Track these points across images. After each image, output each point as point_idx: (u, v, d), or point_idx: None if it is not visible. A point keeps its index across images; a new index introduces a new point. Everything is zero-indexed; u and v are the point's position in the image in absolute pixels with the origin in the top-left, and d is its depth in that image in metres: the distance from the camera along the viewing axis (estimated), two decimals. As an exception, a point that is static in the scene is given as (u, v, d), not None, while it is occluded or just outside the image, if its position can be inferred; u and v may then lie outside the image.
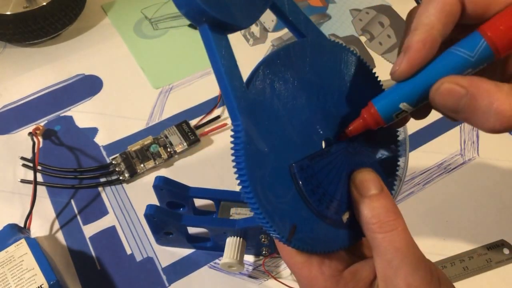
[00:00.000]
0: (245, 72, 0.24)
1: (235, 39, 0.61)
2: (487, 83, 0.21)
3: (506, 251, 0.43)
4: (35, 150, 0.48)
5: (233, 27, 0.23)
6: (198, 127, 0.53)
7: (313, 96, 0.26)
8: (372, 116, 0.25)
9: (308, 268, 0.26)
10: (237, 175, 0.23)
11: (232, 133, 0.23)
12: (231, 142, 0.23)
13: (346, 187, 0.26)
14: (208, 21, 0.22)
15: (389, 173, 0.29)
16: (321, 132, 0.26)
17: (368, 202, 0.25)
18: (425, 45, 0.22)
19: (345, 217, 0.26)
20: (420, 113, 0.27)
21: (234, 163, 0.23)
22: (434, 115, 0.26)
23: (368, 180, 0.25)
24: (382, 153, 0.28)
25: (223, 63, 0.22)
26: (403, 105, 0.24)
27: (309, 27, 0.26)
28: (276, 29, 0.64)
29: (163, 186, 0.41)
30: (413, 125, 0.51)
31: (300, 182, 0.24)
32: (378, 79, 0.28)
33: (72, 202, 0.48)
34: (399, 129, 0.29)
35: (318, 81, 0.26)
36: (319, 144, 0.26)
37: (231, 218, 0.41)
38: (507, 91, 0.21)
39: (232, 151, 0.23)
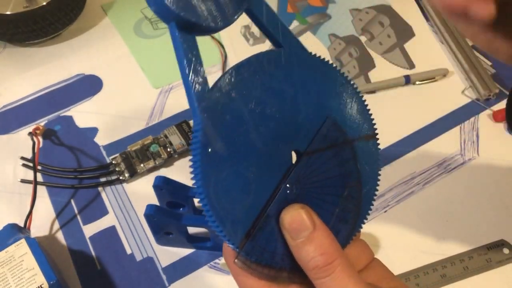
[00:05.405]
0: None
1: (235, 39, 0.61)
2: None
3: (506, 251, 0.43)
4: (35, 150, 0.48)
5: (201, 27, 0.22)
6: (198, 127, 0.52)
7: (284, 106, 0.25)
8: None
9: None
10: (192, 175, 0.22)
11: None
12: (190, 142, 0.23)
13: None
14: (176, 19, 0.22)
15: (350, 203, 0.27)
16: (291, 143, 0.25)
17: (301, 246, 0.23)
18: None
19: None
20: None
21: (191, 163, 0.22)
22: (434, 115, 0.26)
23: (296, 221, 0.24)
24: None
25: (187, 62, 0.22)
26: None
27: (287, 38, 0.26)
28: (276, 29, 0.63)
29: (163, 186, 0.41)
30: (413, 125, 0.51)
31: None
32: (358, 90, 0.28)
33: (72, 202, 0.48)
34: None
35: (291, 92, 0.25)
36: (287, 155, 0.25)
37: (231, 218, 0.41)
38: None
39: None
